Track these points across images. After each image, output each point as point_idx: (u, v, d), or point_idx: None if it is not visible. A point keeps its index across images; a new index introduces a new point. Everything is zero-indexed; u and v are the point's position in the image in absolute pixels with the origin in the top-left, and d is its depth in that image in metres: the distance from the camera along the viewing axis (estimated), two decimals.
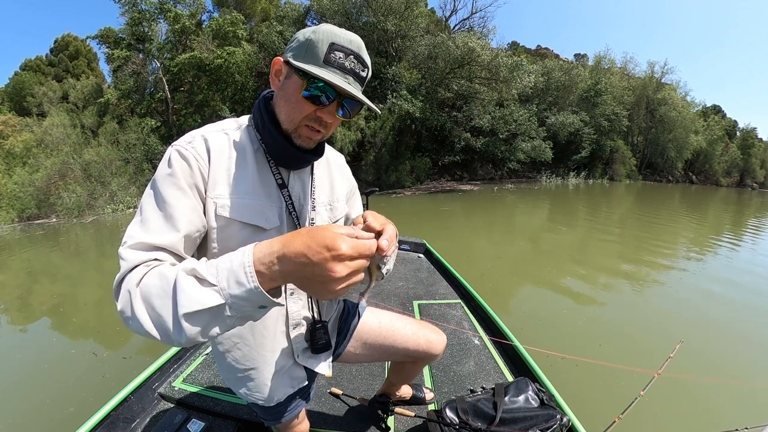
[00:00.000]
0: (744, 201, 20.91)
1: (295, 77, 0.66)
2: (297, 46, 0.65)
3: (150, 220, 0.61)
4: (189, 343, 0.50)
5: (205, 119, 13.85)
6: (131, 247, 0.58)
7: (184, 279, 0.49)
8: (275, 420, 0.97)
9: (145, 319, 0.50)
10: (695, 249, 6.78)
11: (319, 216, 0.85)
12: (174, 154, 0.65)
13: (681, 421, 2.15)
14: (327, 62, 0.63)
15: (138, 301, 0.51)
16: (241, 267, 0.48)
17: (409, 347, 1.07)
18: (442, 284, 2.80)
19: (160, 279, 0.51)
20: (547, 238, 7.55)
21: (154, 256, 0.58)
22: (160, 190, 0.63)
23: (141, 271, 0.54)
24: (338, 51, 0.63)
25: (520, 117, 18.46)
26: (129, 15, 13.76)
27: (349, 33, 0.66)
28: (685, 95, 31.35)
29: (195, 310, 0.48)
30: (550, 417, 1.15)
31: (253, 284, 0.47)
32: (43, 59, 23.06)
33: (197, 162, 0.66)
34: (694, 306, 4.00)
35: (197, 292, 0.48)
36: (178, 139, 0.70)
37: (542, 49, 47.03)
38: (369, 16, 16.08)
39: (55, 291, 4.51)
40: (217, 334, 0.51)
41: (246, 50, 14.68)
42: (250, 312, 0.51)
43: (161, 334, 0.50)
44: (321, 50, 0.62)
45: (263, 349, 0.83)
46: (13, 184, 9.70)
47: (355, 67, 0.65)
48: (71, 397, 2.30)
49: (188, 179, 0.65)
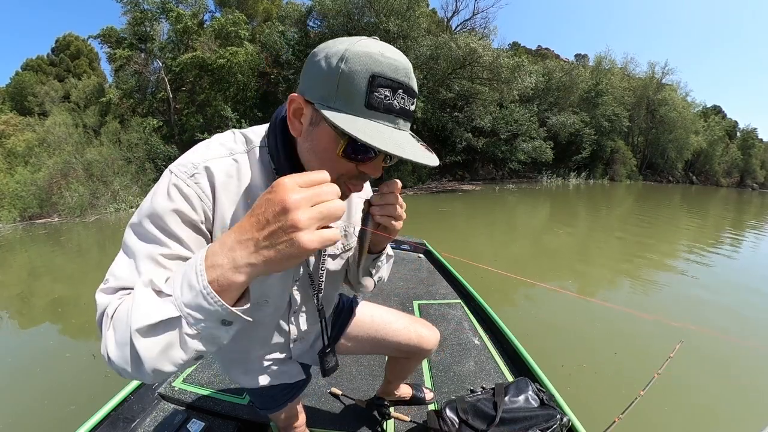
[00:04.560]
0: (744, 201, 20.87)
1: (327, 127, 0.50)
2: (322, 80, 0.48)
3: (135, 263, 0.50)
4: (155, 376, 0.42)
5: (207, 119, 13.87)
6: (108, 291, 0.49)
7: (140, 292, 0.43)
8: (269, 409, 0.98)
9: (113, 350, 0.42)
10: (695, 249, 6.76)
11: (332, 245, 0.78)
12: (173, 190, 0.53)
13: (681, 421, 2.15)
14: (370, 106, 0.47)
15: (110, 334, 0.44)
16: (192, 267, 0.41)
17: (401, 341, 1.07)
18: (442, 284, 2.80)
19: (129, 301, 0.44)
20: (548, 238, 7.54)
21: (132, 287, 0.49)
22: (153, 230, 0.51)
23: (115, 303, 0.46)
24: (383, 87, 0.47)
25: (520, 117, 18.49)
26: (131, 15, 13.81)
27: (390, 50, 0.49)
28: (686, 96, 31.37)
29: (146, 325, 0.40)
30: (550, 417, 1.15)
31: (202, 283, 0.39)
32: (45, 59, 23.13)
33: (201, 202, 0.55)
34: (694, 306, 4.00)
35: (150, 305, 0.41)
36: (178, 159, 0.58)
37: (543, 49, 46.93)
38: (371, 17, 16.06)
39: (56, 290, 4.52)
40: (183, 362, 0.43)
41: (248, 50, 14.68)
42: (214, 331, 0.42)
43: (126, 364, 0.42)
44: (359, 88, 0.46)
45: (260, 341, 0.83)
46: (15, 183, 9.71)
47: (406, 103, 0.49)
48: (71, 397, 2.30)
49: (191, 222, 0.55)
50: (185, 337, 0.41)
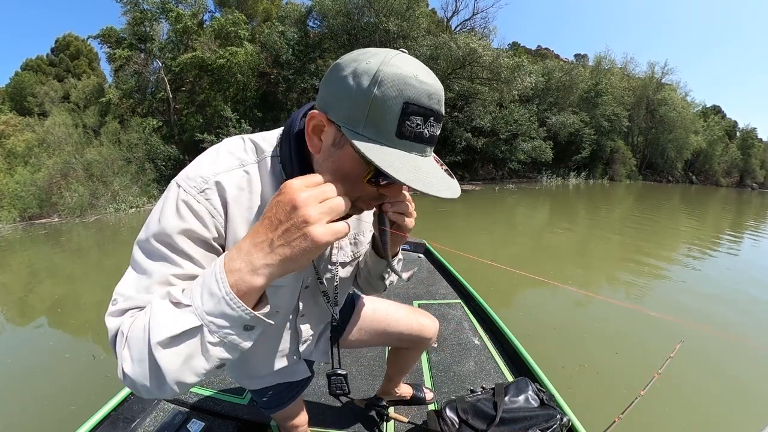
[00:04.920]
0: (744, 201, 20.88)
1: (351, 151, 0.46)
2: (351, 102, 0.44)
3: (147, 287, 0.48)
4: (179, 388, 0.42)
5: (206, 119, 13.87)
6: (119, 313, 0.47)
7: (158, 305, 0.43)
8: (272, 408, 0.98)
9: (130, 368, 0.42)
10: (695, 249, 6.76)
11: (342, 252, 0.79)
12: (183, 207, 0.51)
13: (681, 421, 2.15)
14: (401, 135, 0.44)
15: (126, 352, 0.43)
16: (212, 275, 0.41)
17: (403, 330, 1.10)
18: (442, 284, 2.80)
19: (144, 316, 0.44)
20: (548, 237, 7.55)
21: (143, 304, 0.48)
22: (164, 251, 0.50)
23: (128, 322, 0.45)
24: (416, 115, 0.44)
25: (520, 117, 18.50)
26: (131, 15, 13.82)
27: (425, 72, 0.45)
28: (685, 95, 31.42)
29: (167, 337, 0.40)
30: (550, 417, 1.15)
31: (224, 290, 0.40)
32: (44, 59, 23.13)
33: (213, 219, 0.53)
34: (694, 305, 3.99)
35: (169, 316, 0.41)
36: (186, 169, 0.56)
37: (543, 49, 46.99)
38: (371, 17, 16.07)
39: (56, 291, 4.51)
40: (206, 371, 0.43)
41: (248, 50, 14.68)
42: (236, 338, 0.42)
43: (146, 379, 0.41)
44: (391, 116, 0.43)
45: (268, 344, 0.83)
46: (15, 183, 9.71)
47: (434, 130, 0.47)
48: (71, 397, 2.30)
49: (201, 241, 0.53)
50: (207, 345, 0.41)
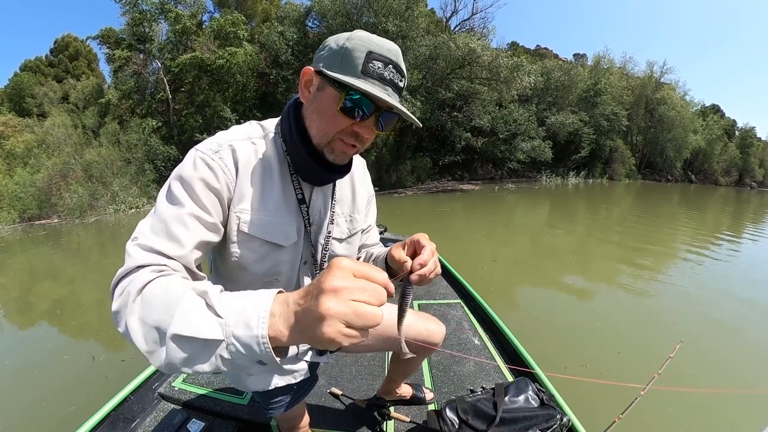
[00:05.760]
0: (743, 200, 20.90)
1: (330, 89, 0.61)
2: (330, 54, 0.61)
3: (165, 224, 0.57)
4: (168, 369, 0.44)
5: (206, 119, 13.85)
6: (140, 246, 0.54)
7: (191, 299, 0.44)
8: (274, 410, 0.98)
9: (136, 328, 0.45)
10: (695, 249, 6.76)
11: (338, 228, 0.83)
12: (199, 162, 0.62)
13: (681, 421, 2.15)
14: (365, 73, 0.59)
15: (136, 307, 0.46)
16: (255, 309, 0.41)
17: (410, 336, 1.09)
18: (442, 284, 2.80)
19: (166, 292, 0.46)
20: (547, 238, 7.55)
21: (164, 261, 0.54)
22: (181, 194, 0.60)
23: (147, 276, 0.49)
24: (377, 60, 0.59)
25: (519, 117, 18.52)
26: (130, 15, 13.75)
27: (385, 41, 0.62)
28: (684, 95, 31.46)
29: (187, 335, 0.41)
30: (550, 417, 1.15)
31: (261, 331, 0.40)
32: (43, 60, 23.06)
33: (225, 175, 0.64)
34: (694, 305, 3.99)
35: (198, 318, 0.42)
36: (201, 142, 0.66)
37: (542, 49, 47.01)
38: (370, 17, 16.04)
39: (55, 292, 4.51)
40: (201, 371, 0.43)
41: (247, 51, 14.66)
42: (245, 363, 0.42)
43: (146, 349, 0.44)
44: (358, 59, 0.58)
45: None
46: (15, 184, 9.70)
47: (394, 77, 0.62)
48: (71, 398, 2.29)
49: (214, 191, 0.62)
50: (217, 356, 0.41)
